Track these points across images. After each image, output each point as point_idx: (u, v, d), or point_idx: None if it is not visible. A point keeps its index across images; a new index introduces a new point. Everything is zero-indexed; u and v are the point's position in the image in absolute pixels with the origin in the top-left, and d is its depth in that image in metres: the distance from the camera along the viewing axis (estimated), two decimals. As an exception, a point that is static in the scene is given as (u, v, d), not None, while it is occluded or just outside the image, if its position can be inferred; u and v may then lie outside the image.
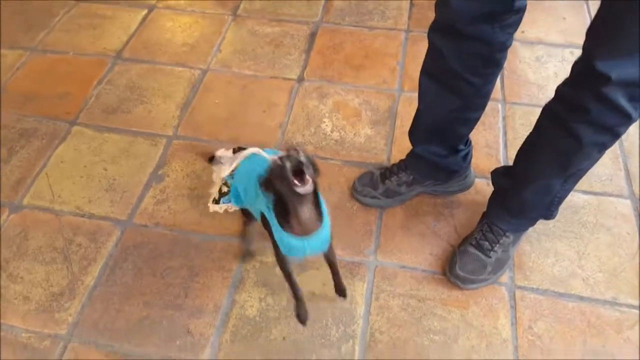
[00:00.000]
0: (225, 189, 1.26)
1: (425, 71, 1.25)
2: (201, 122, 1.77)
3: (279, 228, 1.07)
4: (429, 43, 1.18)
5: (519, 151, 1.24)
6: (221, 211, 1.29)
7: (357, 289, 1.35)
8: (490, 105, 1.31)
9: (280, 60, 1.98)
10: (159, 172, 1.63)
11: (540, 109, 1.14)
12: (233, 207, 1.28)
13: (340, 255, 1.41)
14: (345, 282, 1.35)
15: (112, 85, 1.91)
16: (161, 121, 1.78)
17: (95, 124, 1.78)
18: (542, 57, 1.97)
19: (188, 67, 1.97)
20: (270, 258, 1.40)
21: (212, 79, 1.92)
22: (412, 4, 2.20)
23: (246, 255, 1.43)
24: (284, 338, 1.27)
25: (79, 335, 1.29)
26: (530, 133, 1.19)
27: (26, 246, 1.46)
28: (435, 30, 1.14)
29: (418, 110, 1.35)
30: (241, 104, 1.83)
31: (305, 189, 0.93)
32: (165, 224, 1.50)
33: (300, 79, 1.91)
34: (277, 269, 1.37)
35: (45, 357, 1.25)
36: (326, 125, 1.75)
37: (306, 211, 1.02)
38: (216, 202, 1.28)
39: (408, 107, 1.78)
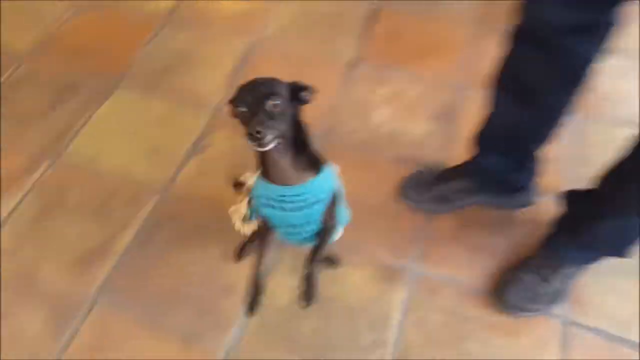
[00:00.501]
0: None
1: (500, 78, 1.13)
2: (250, 95, 1.69)
3: (259, 178, 0.95)
4: (507, 49, 1.07)
5: (604, 176, 1.09)
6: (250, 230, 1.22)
7: (395, 296, 1.27)
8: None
9: (335, 39, 1.87)
10: (202, 143, 1.57)
11: (621, 127, 1.01)
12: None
13: (381, 258, 1.33)
14: (383, 287, 1.28)
15: (161, 47, 1.85)
16: (208, 90, 1.71)
17: (142, 85, 1.73)
18: (624, 68, 1.80)
19: (239, 36, 1.88)
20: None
21: (262, 52, 1.83)
22: (485, -5, 2.05)
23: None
24: (313, 332, 1.21)
25: (105, 298, 1.26)
26: (622, 158, 1.04)
27: (63, 201, 1.43)
28: (517, 36, 1.03)
29: (487, 117, 1.24)
30: (291, 81, 1.74)
31: (260, 147, 0.79)
32: (203, 198, 1.45)
33: (355, 62, 1.80)
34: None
35: (70, 314, 1.24)
36: (378, 115, 1.64)
37: (275, 157, 0.87)
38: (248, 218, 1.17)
39: (471, 107, 1.65)
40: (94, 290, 1.28)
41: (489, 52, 1.14)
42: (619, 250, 1.14)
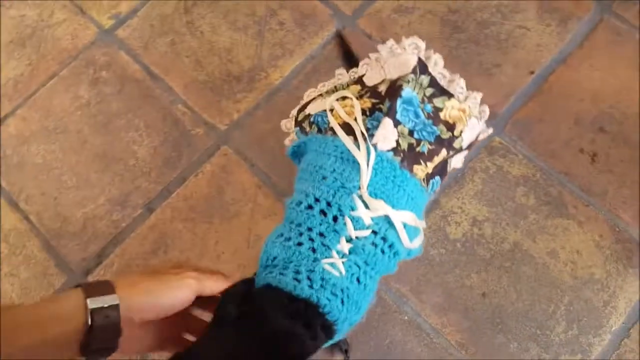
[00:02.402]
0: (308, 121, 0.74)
1: None
2: None
3: None
4: None
5: None
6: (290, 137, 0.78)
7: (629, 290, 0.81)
8: None
9: None
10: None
11: None
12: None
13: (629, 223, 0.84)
14: (612, 267, 0.81)
15: None
16: None
17: None
18: None
19: None
20: (512, 170, 0.89)
21: None
22: None
23: None
24: (483, 294, 0.84)
25: (237, 141, 0.97)
26: None
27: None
28: None
29: None
30: None
31: None
32: (394, 46, 1.01)
33: None
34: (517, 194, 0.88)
35: (201, 147, 0.97)
36: None
37: None
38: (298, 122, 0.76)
39: None
40: (226, 128, 0.98)
41: None
42: None
